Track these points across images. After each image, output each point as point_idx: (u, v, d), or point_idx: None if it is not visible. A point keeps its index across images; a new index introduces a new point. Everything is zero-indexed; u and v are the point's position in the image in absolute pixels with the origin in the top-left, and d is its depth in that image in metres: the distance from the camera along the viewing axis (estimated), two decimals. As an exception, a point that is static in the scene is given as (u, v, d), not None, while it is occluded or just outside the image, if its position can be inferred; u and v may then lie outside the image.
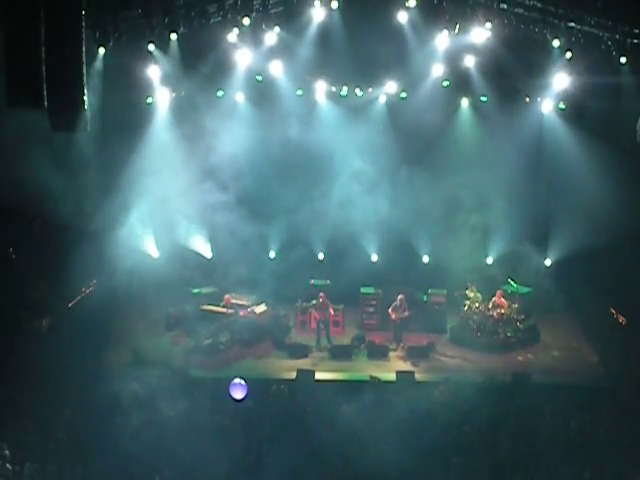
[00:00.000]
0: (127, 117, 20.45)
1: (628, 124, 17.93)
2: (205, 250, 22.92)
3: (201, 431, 15.28)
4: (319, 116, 22.01)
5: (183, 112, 21.39)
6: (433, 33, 19.48)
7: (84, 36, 9.07)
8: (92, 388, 16.62)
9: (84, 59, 9.00)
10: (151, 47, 18.52)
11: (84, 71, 9.14)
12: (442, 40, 19.59)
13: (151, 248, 22.15)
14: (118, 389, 16.23)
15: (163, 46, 18.85)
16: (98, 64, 17.80)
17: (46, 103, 9.04)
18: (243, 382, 14.74)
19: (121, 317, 21.32)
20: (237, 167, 21.81)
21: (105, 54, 17.69)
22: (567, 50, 18.55)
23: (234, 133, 21.72)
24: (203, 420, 15.78)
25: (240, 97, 21.92)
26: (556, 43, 18.22)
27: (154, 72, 19.74)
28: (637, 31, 16.98)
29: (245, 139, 21.93)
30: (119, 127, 20.09)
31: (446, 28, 19.17)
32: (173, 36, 18.09)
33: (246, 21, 18.41)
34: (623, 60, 17.66)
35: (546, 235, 22.28)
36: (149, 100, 20.84)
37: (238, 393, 14.67)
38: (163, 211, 21.21)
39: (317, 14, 19.39)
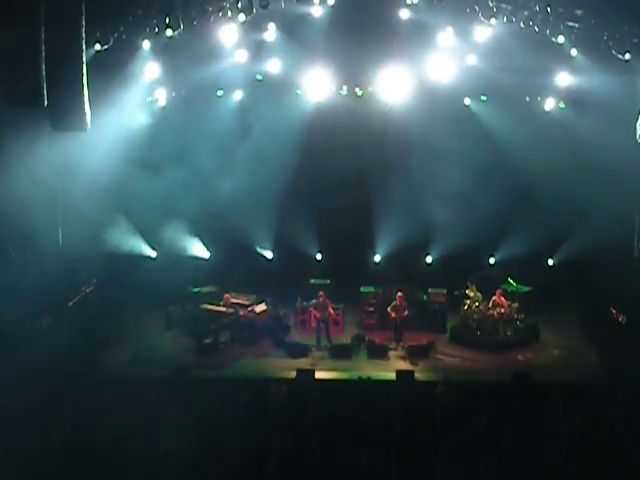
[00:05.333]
0: (123, 116, 20.38)
1: (628, 123, 17.95)
2: (201, 251, 22.91)
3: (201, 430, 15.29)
4: (320, 115, 21.94)
5: (180, 111, 21.36)
6: (435, 31, 19.42)
7: (84, 36, 9.07)
8: (92, 387, 16.59)
9: (84, 59, 9.00)
10: (148, 46, 18.45)
11: (84, 71, 9.14)
12: (444, 38, 19.54)
13: (146, 248, 22.22)
14: (119, 388, 16.22)
15: (161, 45, 18.79)
16: (97, 63, 17.73)
17: (46, 102, 9.03)
18: None
19: (121, 316, 21.30)
20: (234, 167, 21.82)
21: (104, 52, 17.62)
22: (572, 48, 18.57)
23: (231, 132, 21.74)
24: (203, 419, 15.75)
25: (238, 95, 21.88)
26: (561, 39, 18.18)
27: (152, 71, 19.67)
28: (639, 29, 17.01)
29: (245, 137, 21.96)
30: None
31: (448, 26, 19.14)
32: (168, 32, 17.95)
33: (242, 17, 18.33)
34: (627, 57, 17.68)
35: (549, 235, 22.19)
36: (149, 99, 20.84)
37: None
38: (154, 212, 21.20)
39: (315, 11, 19.31)
